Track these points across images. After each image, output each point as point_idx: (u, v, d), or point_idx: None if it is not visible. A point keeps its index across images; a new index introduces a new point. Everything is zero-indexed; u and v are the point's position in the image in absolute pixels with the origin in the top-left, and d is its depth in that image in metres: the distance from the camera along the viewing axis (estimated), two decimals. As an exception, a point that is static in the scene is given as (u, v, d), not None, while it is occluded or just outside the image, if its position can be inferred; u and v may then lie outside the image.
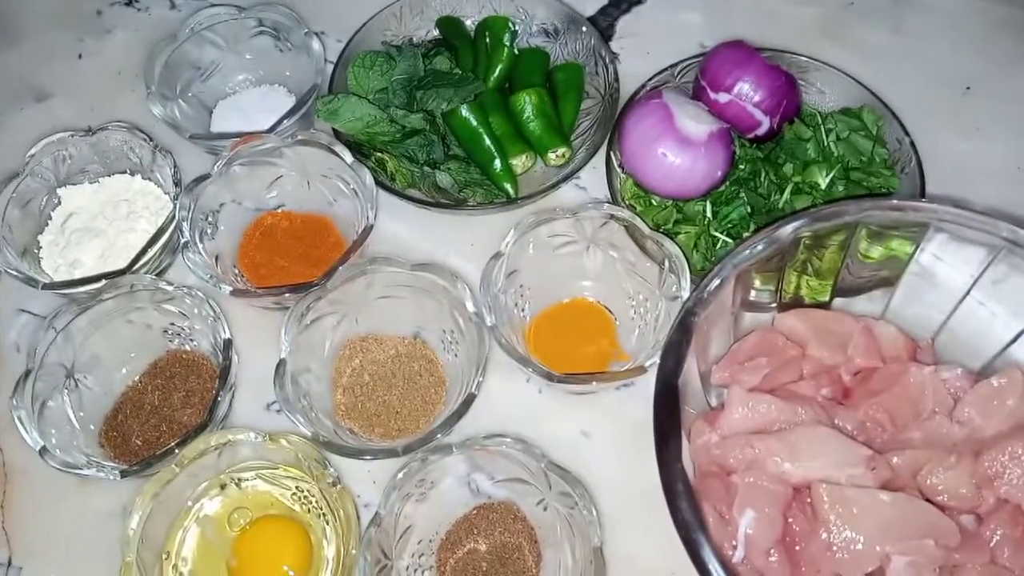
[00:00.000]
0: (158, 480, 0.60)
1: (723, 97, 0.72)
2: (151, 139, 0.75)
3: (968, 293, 0.60)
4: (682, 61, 0.77)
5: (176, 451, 0.61)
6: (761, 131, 0.73)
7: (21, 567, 0.65)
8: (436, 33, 0.84)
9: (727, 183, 0.71)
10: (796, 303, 0.63)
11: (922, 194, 0.69)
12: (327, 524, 0.62)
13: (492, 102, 0.77)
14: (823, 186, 0.69)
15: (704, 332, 0.57)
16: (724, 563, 0.47)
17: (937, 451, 0.56)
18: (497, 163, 0.75)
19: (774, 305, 0.63)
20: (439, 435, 0.61)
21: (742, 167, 0.72)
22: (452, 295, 0.66)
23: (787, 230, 0.56)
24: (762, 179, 0.71)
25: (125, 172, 0.77)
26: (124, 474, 0.61)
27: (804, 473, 0.54)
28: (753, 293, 0.60)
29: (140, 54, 0.84)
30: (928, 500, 0.55)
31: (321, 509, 0.62)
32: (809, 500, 0.54)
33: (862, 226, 0.57)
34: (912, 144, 0.72)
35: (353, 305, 0.68)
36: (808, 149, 0.71)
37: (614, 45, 0.86)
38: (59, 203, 0.75)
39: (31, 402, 0.63)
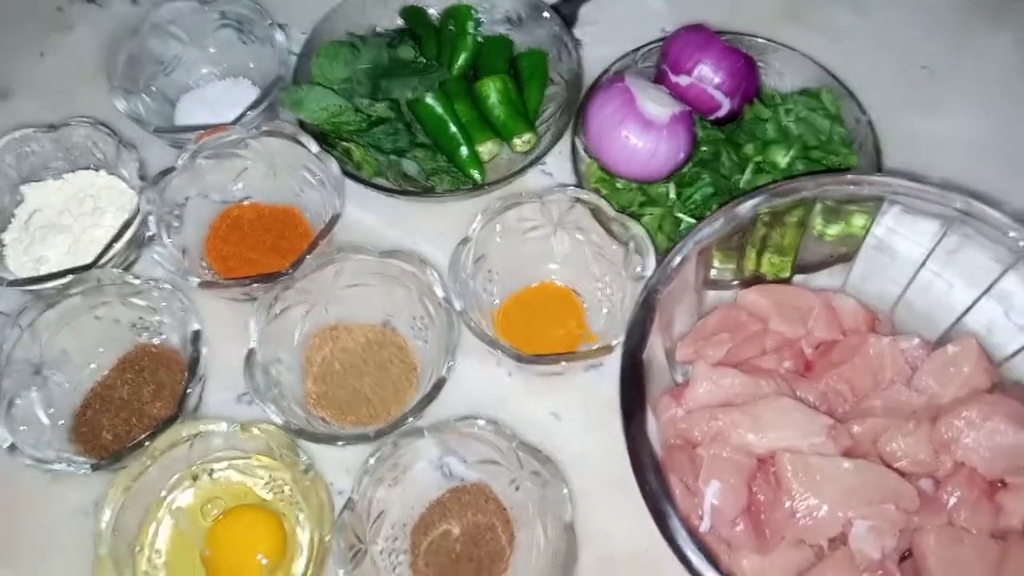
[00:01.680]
0: (129, 473, 0.60)
1: (684, 80, 0.73)
2: (115, 134, 0.74)
3: (924, 265, 0.62)
4: (644, 46, 0.78)
5: (146, 444, 0.61)
6: (722, 113, 0.74)
7: (-3, 564, 0.65)
8: (400, 22, 0.84)
9: (690, 165, 0.72)
10: (758, 280, 0.64)
11: (879, 170, 0.71)
12: (300, 512, 0.62)
13: (457, 90, 0.77)
14: (783, 165, 0.70)
15: (668, 309, 0.58)
16: (691, 532, 0.48)
17: (896, 419, 0.58)
18: (463, 150, 0.76)
19: (736, 283, 0.64)
20: (410, 419, 0.62)
21: (704, 148, 0.73)
22: (421, 281, 0.67)
23: (746, 207, 0.57)
24: (724, 160, 0.72)
25: (89, 168, 0.76)
26: (95, 467, 0.61)
27: (768, 443, 0.56)
28: (715, 271, 0.61)
29: (102, 50, 0.83)
30: (888, 466, 0.56)
31: (295, 497, 0.62)
32: (773, 470, 0.55)
33: (819, 201, 0.58)
34: (870, 123, 0.73)
35: (322, 294, 0.68)
36: (768, 129, 0.72)
37: (577, 32, 0.87)
38: (22, 200, 0.75)
39: (-1, 399, 0.63)
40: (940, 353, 0.59)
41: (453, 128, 0.76)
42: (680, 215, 0.71)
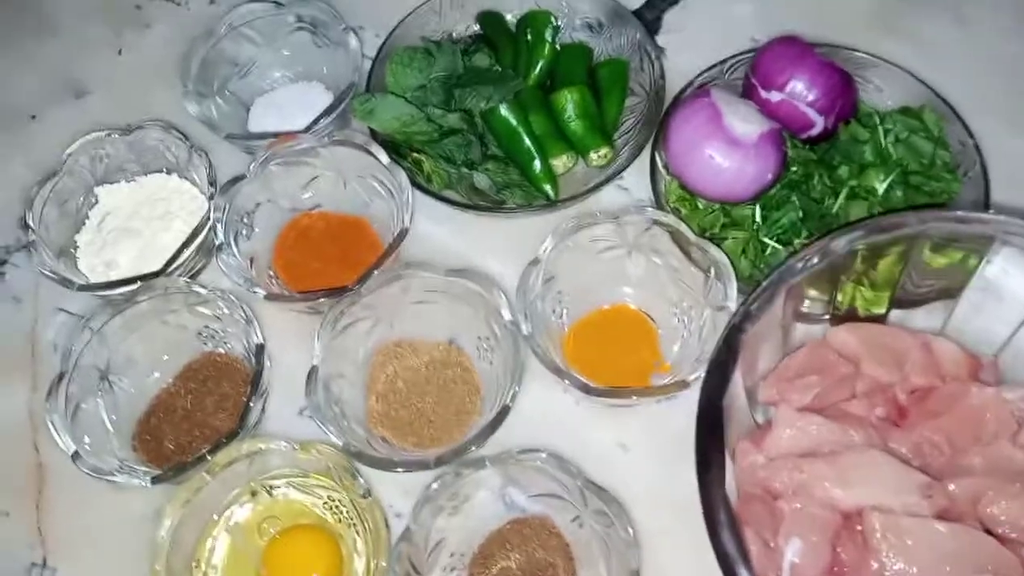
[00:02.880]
0: (189, 487, 0.59)
1: (775, 96, 0.68)
2: (187, 138, 0.74)
3: (1036, 310, 0.56)
4: (732, 57, 0.74)
5: (207, 458, 0.60)
6: (815, 132, 0.69)
7: (55, 568, 0.65)
8: (476, 28, 0.81)
9: (778, 187, 0.68)
10: (850, 315, 0.60)
11: (987, 201, 0.65)
12: (358, 535, 0.60)
13: (532, 100, 0.74)
14: (880, 191, 0.65)
15: (752, 347, 0.54)
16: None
17: (999, 479, 0.53)
18: (537, 164, 0.73)
19: (827, 317, 0.60)
20: (472, 447, 0.60)
21: (794, 169, 0.69)
22: (488, 301, 0.64)
23: (841, 242, 0.53)
24: (815, 182, 0.68)
25: (162, 171, 0.76)
26: (155, 480, 0.60)
27: (855, 500, 0.52)
28: (805, 305, 0.57)
29: (179, 50, 0.83)
30: (988, 532, 0.51)
31: (352, 520, 0.61)
32: (860, 529, 0.51)
33: (923, 239, 0.54)
34: (976, 146, 0.68)
35: (388, 310, 0.66)
36: (865, 151, 0.67)
37: (660, 39, 0.83)
38: (96, 202, 0.75)
39: (64, 405, 0.63)
40: (1052, 408, 0.54)
41: (527, 140, 0.73)
42: (766, 240, 0.67)
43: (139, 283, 0.67)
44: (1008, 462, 0.54)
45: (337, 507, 0.62)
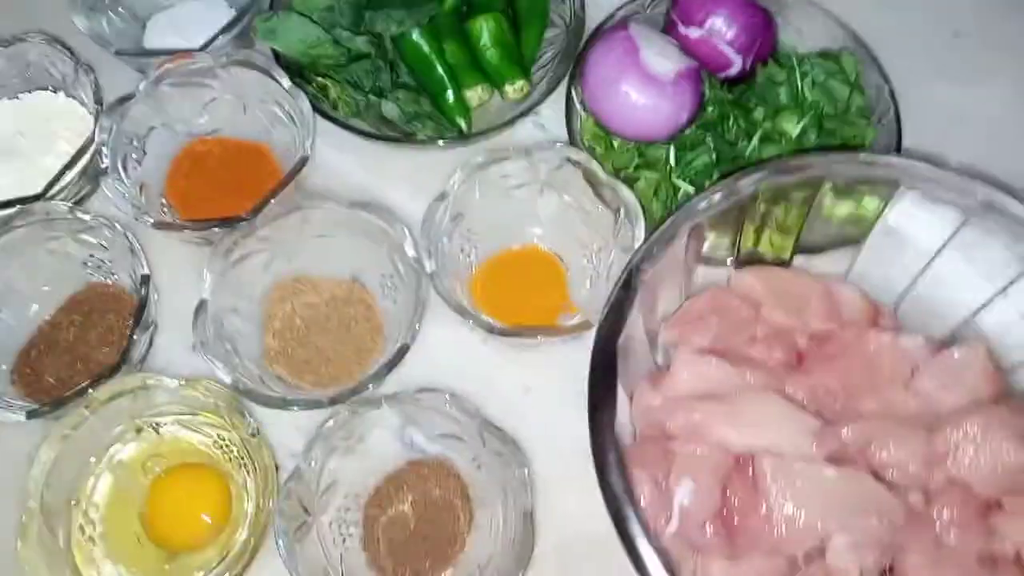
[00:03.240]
0: (67, 423, 0.56)
1: (694, 32, 0.66)
2: (73, 53, 0.69)
3: (937, 256, 0.56)
4: (655, -10, 0.71)
5: (88, 392, 0.57)
6: (732, 72, 0.67)
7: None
8: (391, -53, 0.77)
9: (693, 127, 0.66)
10: (755, 259, 0.59)
11: (899, 147, 0.65)
12: (248, 475, 0.58)
13: (447, 26, 0.71)
14: (794, 135, 0.64)
15: (652, 288, 0.53)
16: (653, 540, 0.44)
17: (889, 424, 0.53)
18: (450, 94, 0.70)
19: (731, 260, 0.59)
20: (370, 386, 0.58)
21: (710, 110, 0.67)
22: (392, 237, 0.62)
23: (745, 183, 0.52)
24: (730, 124, 0.66)
25: (46, 88, 0.71)
26: (30, 415, 0.57)
27: (747, 442, 0.51)
28: (708, 247, 0.56)
29: (71, -42, 0.77)
30: (876, 475, 0.52)
31: (242, 459, 0.59)
32: (751, 472, 0.51)
33: (827, 181, 0.53)
34: (892, 92, 0.67)
35: (286, 243, 0.63)
36: (781, 94, 0.66)
37: (584, -30, 0.79)
38: (-29, 120, 0.69)
39: (-66, 335, 0.59)
40: (945, 356, 0.55)
41: (440, 69, 0.69)
42: (678, 181, 0.66)
43: (16, 207, 0.62)
44: (900, 408, 0.54)
45: (227, 446, 0.60)
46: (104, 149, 0.63)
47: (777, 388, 0.54)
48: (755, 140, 0.65)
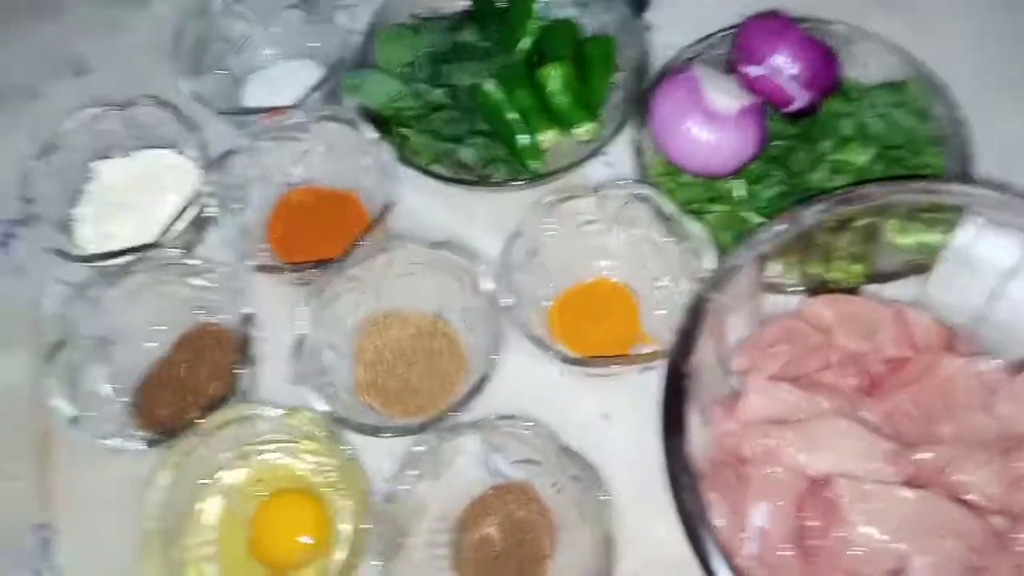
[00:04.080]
0: (179, 450, 0.61)
1: (756, 70, 0.69)
2: (181, 113, 0.75)
3: (1009, 279, 0.57)
4: (717, 32, 0.74)
5: (198, 422, 0.62)
6: (797, 106, 0.69)
7: (59, 529, 0.67)
8: (464, 4, 0.82)
9: (760, 160, 0.69)
10: (824, 287, 0.61)
11: (968, 175, 0.65)
12: (344, 499, 0.62)
13: (518, 76, 0.75)
14: (861, 165, 0.66)
15: (722, 316, 0.55)
16: (728, 559, 0.46)
17: (967, 447, 0.54)
18: (523, 139, 0.74)
19: (801, 289, 0.60)
20: (454, 413, 0.61)
21: (776, 144, 0.69)
22: (471, 273, 0.66)
23: (808, 213, 0.54)
24: (797, 157, 0.68)
25: (157, 146, 0.78)
26: (150, 444, 0.62)
27: (822, 466, 0.53)
28: (777, 276, 0.58)
29: (176, 28, 0.85)
30: (955, 498, 0.52)
31: (338, 484, 0.63)
32: (827, 495, 0.52)
33: (890, 209, 0.54)
34: (961, 120, 0.68)
35: (374, 282, 0.68)
36: (846, 125, 0.67)
37: (650, 15, 0.83)
38: (94, 176, 0.77)
39: (65, 371, 0.65)
40: (1022, 378, 0.55)
41: (513, 116, 0.74)
42: (747, 214, 0.68)
43: (134, 254, 0.69)
44: (977, 431, 0.55)
45: (325, 472, 0.64)
46: (211, 200, 0.69)
47: (851, 413, 0.55)
48: (822, 172, 0.66)
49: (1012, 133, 0.72)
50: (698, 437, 0.53)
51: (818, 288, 0.61)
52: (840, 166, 0.67)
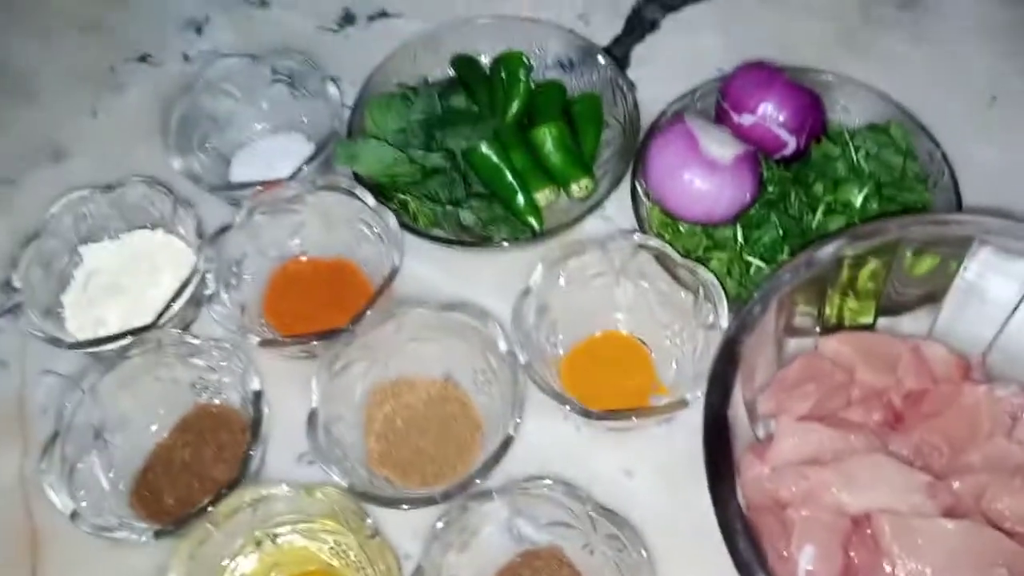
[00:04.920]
0: (192, 540, 0.58)
1: (747, 119, 0.70)
2: (171, 192, 0.74)
3: (1020, 306, 0.58)
4: (701, 85, 0.76)
5: (209, 509, 0.59)
6: (788, 151, 0.71)
7: (55, 637, 0.63)
8: (451, 72, 0.83)
9: (756, 206, 0.70)
10: (839, 326, 0.61)
11: (959, 208, 0.67)
12: (367, 579, 0.60)
13: (511, 138, 0.76)
14: (857, 204, 0.67)
15: (748, 359, 0.55)
16: (790, 605, 0.45)
17: (999, 474, 0.54)
18: (520, 198, 0.74)
19: (817, 329, 0.61)
20: (477, 480, 0.60)
21: (771, 189, 0.71)
22: (483, 334, 0.65)
23: (828, 250, 0.55)
24: (792, 200, 0.70)
25: (146, 227, 0.76)
26: (158, 535, 0.59)
27: (863, 504, 0.52)
28: (796, 318, 0.58)
29: (155, 108, 0.84)
30: (994, 526, 0.52)
31: (360, 563, 0.60)
32: (870, 532, 0.52)
33: (904, 243, 0.56)
34: (944, 156, 0.70)
35: (383, 349, 0.67)
36: (838, 167, 0.69)
37: (630, 73, 0.85)
38: (81, 261, 0.74)
39: (60, 465, 0.61)
40: (1043, 402, 0.56)
41: (509, 176, 0.74)
42: (749, 259, 0.69)
43: (131, 337, 0.66)
44: (1006, 457, 0.55)
45: (344, 551, 0.61)
46: (208, 277, 0.68)
47: (881, 448, 0.55)
48: (819, 213, 0.68)
49: (986, 168, 0.75)
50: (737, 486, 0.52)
51: (832, 328, 0.61)
52: (836, 206, 0.68)
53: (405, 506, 0.60)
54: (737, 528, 0.47)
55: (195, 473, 0.65)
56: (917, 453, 0.56)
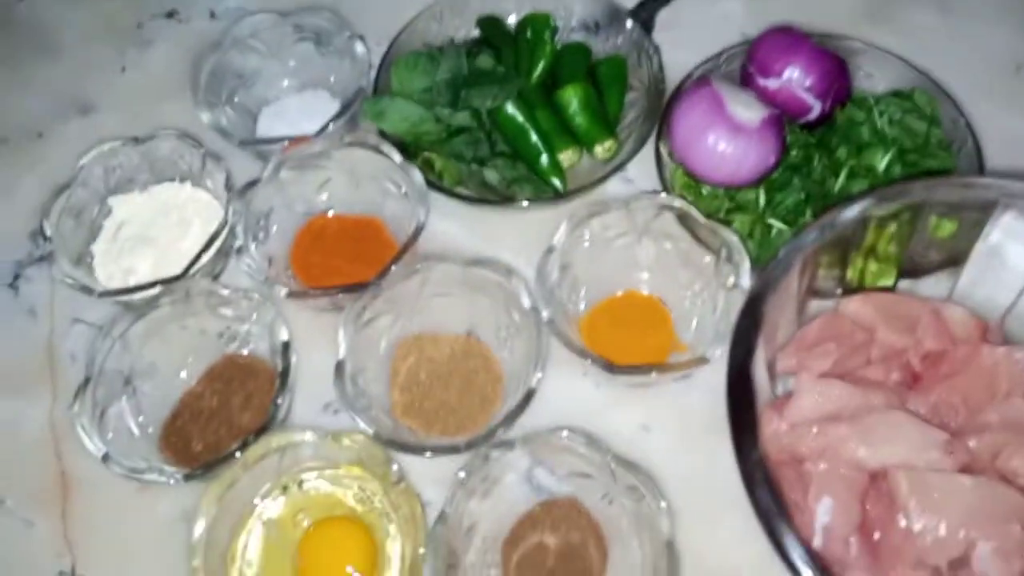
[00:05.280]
0: (220, 483, 0.60)
1: (773, 83, 0.71)
2: (201, 145, 0.75)
3: (1039, 271, 0.59)
4: (727, 49, 0.76)
5: (237, 454, 0.61)
6: (812, 116, 0.72)
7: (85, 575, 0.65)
8: (477, 33, 0.84)
9: (780, 170, 0.70)
10: (860, 288, 0.62)
11: (982, 172, 0.68)
12: (391, 524, 0.61)
13: (537, 98, 0.76)
14: (881, 169, 0.68)
15: (771, 318, 0.56)
16: (808, 549, 0.46)
17: (1015, 433, 0.55)
18: (544, 158, 0.75)
19: (839, 291, 0.62)
20: (500, 430, 0.61)
21: (794, 153, 0.71)
22: (506, 290, 0.66)
23: (853, 211, 0.55)
24: (815, 164, 0.70)
25: (174, 180, 0.77)
26: (187, 478, 0.61)
27: (880, 459, 0.53)
28: (819, 279, 0.59)
29: (182, 65, 0.84)
30: (1009, 484, 0.53)
31: (385, 509, 0.62)
32: (886, 487, 0.53)
33: (929, 205, 0.56)
34: (968, 124, 0.70)
35: (407, 304, 0.68)
36: (862, 132, 0.70)
37: (655, 37, 0.85)
38: (111, 212, 0.76)
39: (91, 409, 0.63)
40: (1060, 365, 0.56)
41: (534, 136, 0.75)
42: (771, 221, 0.69)
43: (160, 287, 0.68)
44: (1022, 417, 0.56)
45: (369, 497, 0.62)
46: (237, 229, 0.69)
47: (899, 406, 0.56)
48: (842, 177, 0.68)
49: (1011, 137, 0.75)
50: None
51: (853, 290, 0.62)
52: (859, 171, 0.68)
53: (429, 453, 0.61)
54: (758, 478, 0.48)
55: (223, 420, 0.67)
56: (934, 412, 0.57)
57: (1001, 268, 0.60)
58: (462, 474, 0.59)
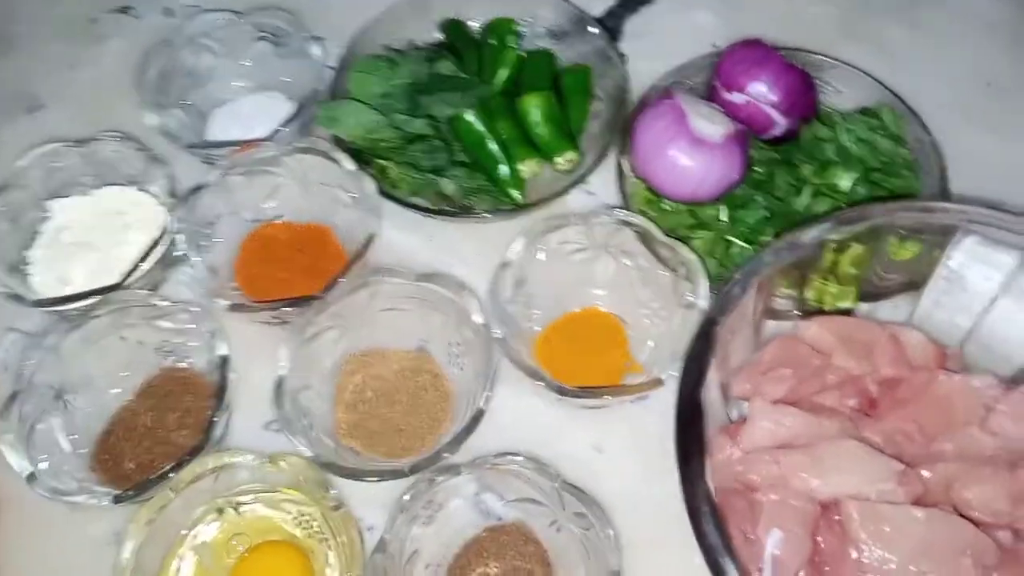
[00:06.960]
0: (152, 506, 0.57)
1: (738, 97, 0.69)
2: (145, 148, 0.72)
3: (999, 297, 0.57)
4: (695, 61, 0.75)
5: (171, 475, 0.58)
6: (777, 132, 0.70)
7: (10, 599, 0.62)
8: (440, 36, 0.81)
9: (743, 186, 0.68)
10: (819, 310, 0.60)
11: (945, 195, 0.66)
12: (330, 550, 0.59)
13: (498, 106, 0.74)
14: (846, 189, 0.66)
15: (725, 341, 0.54)
16: (753, 589, 0.44)
17: (970, 464, 0.53)
18: (503, 168, 0.73)
19: (796, 313, 0.60)
20: (446, 454, 0.59)
21: (758, 170, 0.69)
22: (458, 306, 0.63)
23: (811, 234, 0.53)
24: (779, 182, 0.68)
25: (118, 183, 0.74)
26: (117, 500, 0.58)
27: (832, 489, 0.52)
28: (776, 300, 0.57)
29: (135, 62, 0.81)
30: (962, 515, 0.52)
31: (323, 534, 0.59)
32: (838, 518, 0.51)
33: (889, 229, 0.55)
34: (934, 144, 0.69)
35: (355, 318, 0.65)
36: (827, 150, 0.68)
37: (623, 46, 0.83)
38: (49, 216, 0.72)
39: (19, 425, 0.60)
40: (1017, 393, 0.55)
41: (493, 146, 0.72)
42: (732, 239, 0.67)
43: (97, 297, 0.65)
44: (978, 447, 0.54)
45: (308, 522, 0.60)
46: (179, 237, 0.66)
47: (853, 434, 0.55)
48: (806, 196, 0.67)
49: (979, 156, 0.73)
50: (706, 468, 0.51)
51: (812, 312, 0.60)
52: (824, 189, 0.67)
53: (372, 478, 0.59)
54: (704, 510, 0.46)
55: (158, 438, 0.64)
56: (889, 440, 0.55)
57: (961, 293, 0.58)
58: (407, 497, 0.57)
